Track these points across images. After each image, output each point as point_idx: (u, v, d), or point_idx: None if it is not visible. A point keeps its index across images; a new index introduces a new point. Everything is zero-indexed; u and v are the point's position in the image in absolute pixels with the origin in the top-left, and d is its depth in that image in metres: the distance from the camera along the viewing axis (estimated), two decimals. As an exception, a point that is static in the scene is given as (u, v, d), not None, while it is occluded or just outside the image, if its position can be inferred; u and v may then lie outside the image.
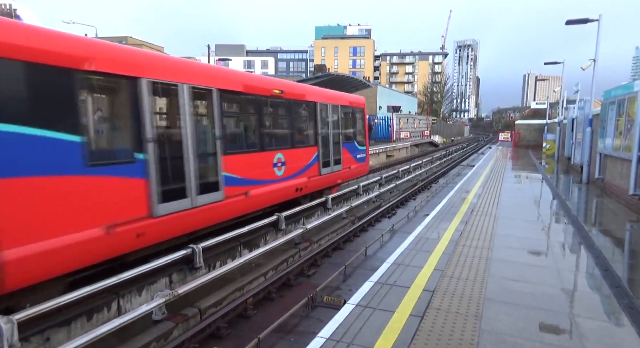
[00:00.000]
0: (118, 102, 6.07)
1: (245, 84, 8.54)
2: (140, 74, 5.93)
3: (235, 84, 8.19)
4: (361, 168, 14.77)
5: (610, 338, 3.80)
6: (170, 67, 6.69)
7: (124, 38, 73.79)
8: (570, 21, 15.03)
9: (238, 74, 9.09)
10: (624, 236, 8.05)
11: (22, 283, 4.44)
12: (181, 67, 6.98)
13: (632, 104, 10.29)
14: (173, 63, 6.92)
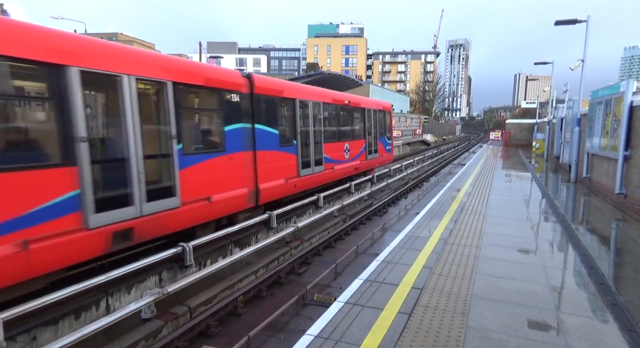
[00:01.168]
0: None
1: (334, 98, 13.63)
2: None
3: (339, 100, 13.91)
4: (389, 156, 19.78)
5: (594, 334, 3.88)
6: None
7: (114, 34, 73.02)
8: (559, 22, 15.20)
9: (338, 93, 14.61)
10: (610, 234, 8.20)
11: (265, 200, 9.29)
12: (314, 91, 12.61)
13: (618, 104, 10.46)
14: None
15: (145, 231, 6.15)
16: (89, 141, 5.21)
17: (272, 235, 8.70)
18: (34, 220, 4.65)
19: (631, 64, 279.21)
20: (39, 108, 5.25)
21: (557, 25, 15.38)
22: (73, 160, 5.05)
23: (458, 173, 17.17)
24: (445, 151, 39.91)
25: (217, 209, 7.78)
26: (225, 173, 8.00)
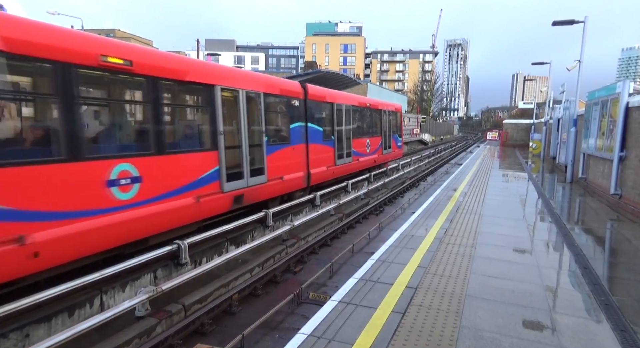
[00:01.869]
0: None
1: (359, 101, 16.26)
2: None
3: (363, 103, 16.57)
4: (399, 152, 22.46)
5: (586, 334, 3.89)
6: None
7: (111, 31, 72.64)
8: (556, 22, 15.23)
9: (362, 97, 17.77)
10: (604, 234, 8.23)
11: (313, 182, 11.40)
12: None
13: (614, 105, 10.50)
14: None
15: (248, 198, 8.81)
16: (223, 134, 7.94)
17: (268, 233, 8.69)
18: (201, 183, 7.38)
19: (628, 65, 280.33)
20: (205, 113, 7.86)
21: (555, 25, 15.42)
22: (217, 146, 7.81)
23: (455, 173, 17.21)
24: (442, 150, 39.96)
25: (286, 186, 10.58)
26: (290, 160, 10.73)
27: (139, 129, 6.68)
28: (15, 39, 4.55)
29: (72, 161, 5.15)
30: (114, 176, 5.72)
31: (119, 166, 5.79)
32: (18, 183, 4.55)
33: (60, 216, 4.99)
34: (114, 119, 6.38)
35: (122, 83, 6.35)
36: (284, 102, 10.65)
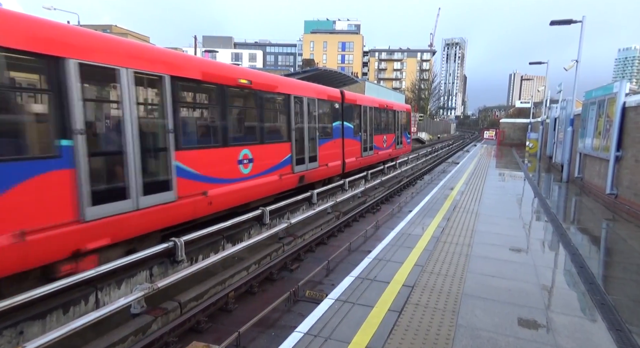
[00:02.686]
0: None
1: (379, 103, 18.98)
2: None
3: (382, 104, 19.11)
4: (409, 147, 25.57)
5: (582, 333, 3.91)
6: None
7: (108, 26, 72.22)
8: (554, 22, 15.25)
9: (381, 99, 20.02)
10: (600, 234, 8.27)
11: (347, 170, 14.58)
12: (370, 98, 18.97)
13: (611, 105, 10.53)
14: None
15: (307, 178, 11.81)
16: (294, 130, 10.89)
17: (264, 231, 8.67)
18: (282, 165, 10.28)
19: (625, 66, 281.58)
20: (284, 114, 10.80)
21: (552, 25, 15.44)
22: (290, 139, 10.82)
23: (452, 172, 17.23)
24: (439, 149, 40.01)
25: (330, 171, 13.58)
26: (332, 151, 13.74)
27: (252, 126, 9.58)
28: (209, 73, 7.78)
29: (224, 147, 8.28)
30: (240, 157, 8.77)
31: (243, 151, 8.85)
32: (201, 159, 7.49)
33: (220, 181, 8.02)
34: (241, 119, 9.45)
35: (246, 95, 9.42)
36: (329, 106, 13.84)
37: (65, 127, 5.07)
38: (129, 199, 5.96)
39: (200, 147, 7.67)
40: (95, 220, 5.43)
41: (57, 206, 5.01)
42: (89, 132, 5.48)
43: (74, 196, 5.18)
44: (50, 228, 4.89)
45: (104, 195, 5.58)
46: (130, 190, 5.96)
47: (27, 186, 4.68)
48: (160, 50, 7.19)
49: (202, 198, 7.44)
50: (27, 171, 4.70)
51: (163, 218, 6.62)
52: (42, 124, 5.16)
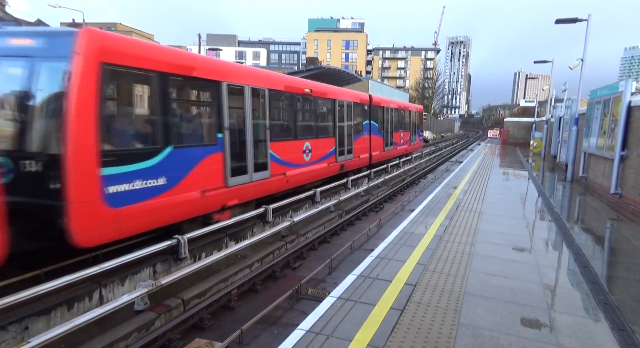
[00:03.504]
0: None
1: (398, 104, 21.97)
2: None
3: (400, 106, 22.25)
4: (420, 144, 28.40)
5: (585, 333, 3.90)
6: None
7: (113, 24, 72.37)
8: (559, 20, 15.15)
9: (401, 101, 24.63)
10: (604, 234, 8.23)
11: (373, 161, 17.58)
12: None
13: (616, 104, 10.46)
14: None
15: (345, 167, 14.55)
16: (337, 128, 13.64)
17: (267, 229, 8.69)
18: (328, 156, 13.10)
19: (631, 65, 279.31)
20: (330, 114, 13.57)
21: (558, 23, 15.34)
22: (334, 134, 13.49)
23: (455, 171, 17.19)
24: (442, 148, 39.90)
25: (360, 162, 16.30)
26: (362, 145, 16.43)
27: (310, 124, 12.46)
28: (287, 85, 10.69)
29: (294, 140, 11.14)
30: (304, 148, 11.55)
31: (305, 143, 11.62)
32: (282, 148, 10.25)
33: (293, 165, 10.77)
34: (304, 119, 12.24)
35: (308, 101, 12.19)
36: (361, 108, 16.52)
37: (220, 125, 7.93)
38: (247, 174, 8.79)
39: (282, 140, 10.48)
40: (232, 187, 8.25)
41: (216, 176, 7.83)
42: (230, 128, 8.16)
43: (223, 170, 8.02)
44: (214, 189, 7.72)
45: (236, 171, 8.37)
46: (248, 168, 8.83)
47: (204, 162, 7.49)
48: (263, 71, 10.75)
49: (283, 177, 10.34)
50: (203, 153, 7.54)
51: (263, 189, 9.51)
52: (210, 124, 7.95)
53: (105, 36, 5.74)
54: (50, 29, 6.64)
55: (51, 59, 5.59)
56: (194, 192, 7.22)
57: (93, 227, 5.44)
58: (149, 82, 6.57)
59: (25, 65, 5.65)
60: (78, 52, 5.29)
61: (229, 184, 8.13)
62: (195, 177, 7.22)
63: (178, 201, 6.86)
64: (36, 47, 5.58)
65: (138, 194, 6.08)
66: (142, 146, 6.48)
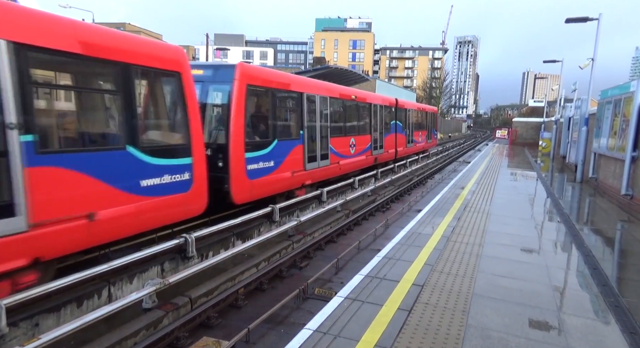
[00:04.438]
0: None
1: (418, 106, 25.97)
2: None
3: (420, 107, 26.16)
4: (435, 142, 31.68)
5: (595, 336, 3.85)
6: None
7: (122, 24, 72.95)
8: (569, 19, 14.99)
9: (420, 104, 29.00)
10: (614, 235, 8.13)
11: (398, 156, 20.61)
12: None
13: (628, 104, 10.33)
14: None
15: (378, 159, 17.32)
16: (373, 126, 16.57)
17: (274, 229, 8.70)
18: (365, 150, 15.81)
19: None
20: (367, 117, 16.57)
21: (568, 23, 15.17)
22: (370, 132, 16.33)
23: (462, 171, 17.09)
24: (450, 148, 39.67)
25: (389, 156, 19.06)
26: (390, 142, 19.09)
27: (354, 123, 15.11)
28: (341, 94, 13.96)
29: (344, 136, 13.66)
30: (351, 143, 14.26)
31: (351, 139, 14.27)
32: (337, 143, 12.89)
33: (343, 156, 13.40)
34: (350, 119, 14.84)
35: (353, 105, 14.98)
36: (389, 110, 19.22)
37: (302, 124, 10.93)
38: (316, 162, 11.66)
39: (336, 136, 13.18)
40: (308, 170, 11.16)
41: (299, 162, 10.73)
42: (307, 127, 11.14)
43: (303, 157, 10.89)
44: (298, 171, 10.62)
45: (310, 159, 11.28)
46: (317, 157, 11.68)
47: (293, 152, 10.47)
48: (325, 83, 13.30)
49: (337, 165, 13.12)
50: (293, 145, 10.50)
51: (325, 174, 12.35)
52: (296, 123, 10.90)
53: (249, 67, 9.10)
54: (220, 63, 11.05)
55: (220, 83, 8.76)
56: (288, 172, 10.26)
57: (241, 191, 8.51)
58: (267, 95, 9.68)
59: (204, 86, 8.70)
60: (235, 79, 8.43)
61: (306, 168, 11.16)
62: (288, 162, 10.20)
63: (279, 178, 9.91)
64: (210, 75, 8.84)
65: (260, 172, 9.14)
66: (263, 139, 9.47)
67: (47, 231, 4.69)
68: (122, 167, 5.67)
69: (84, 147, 5.45)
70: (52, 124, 5.39)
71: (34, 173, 4.52)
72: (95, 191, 5.26)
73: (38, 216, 4.57)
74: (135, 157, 5.85)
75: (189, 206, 6.92)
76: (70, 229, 4.96)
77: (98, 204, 5.26)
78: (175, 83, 6.67)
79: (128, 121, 5.80)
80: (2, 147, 4.26)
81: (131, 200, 5.76)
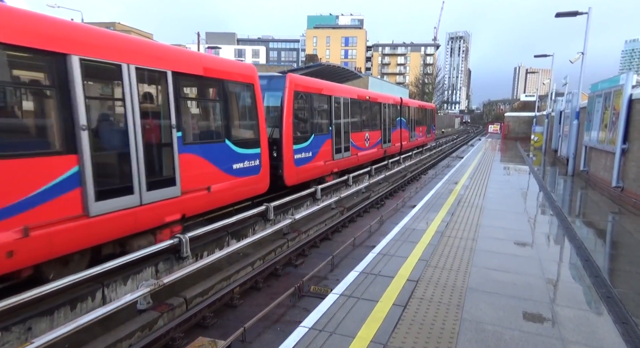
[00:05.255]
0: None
1: (419, 104, 27.57)
2: None
3: (420, 105, 27.77)
4: (433, 136, 33.83)
5: (588, 327, 3.90)
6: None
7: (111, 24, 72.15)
8: (560, 14, 15.08)
9: (420, 101, 31.81)
10: (606, 227, 8.22)
11: (403, 149, 22.55)
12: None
13: (617, 97, 10.42)
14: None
15: (387, 152, 19.49)
16: (382, 123, 18.91)
17: (269, 227, 8.69)
18: (377, 144, 18.15)
19: (632, 58, 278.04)
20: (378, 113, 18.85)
21: (558, 17, 15.27)
22: (381, 128, 18.68)
23: (456, 166, 17.17)
24: (443, 144, 39.82)
25: (395, 149, 20.93)
26: (396, 136, 21.10)
27: (368, 121, 16.82)
28: (358, 95, 16.08)
29: (360, 132, 15.79)
30: (366, 137, 16.29)
31: (366, 134, 16.29)
32: (355, 137, 15.13)
33: (360, 149, 15.64)
34: (365, 117, 16.60)
35: (367, 104, 16.93)
36: (395, 108, 21.16)
37: (330, 121, 13.03)
38: (341, 153, 13.76)
39: (355, 131, 15.22)
40: (335, 160, 13.29)
41: (329, 153, 12.82)
42: (334, 124, 13.29)
43: (332, 149, 13.01)
44: (328, 161, 12.79)
45: (337, 150, 13.39)
46: (342, 149, 13.84)
47: (325, 144, 12.47)
48: (347, 87, 15.54)
49: (356, 156, 15.25)
50: (325, 138, 12.56)
51: (347, 163, 14.48)
52: (327, 120, 13.00)
53: (295, 77, 11.18)
54: (274, 74, 11.62)
55: (274, 90, 10.80)
56: (321, 161, 12.46)
57: (291, 176, 10.70)
58: (307, 99, 11.80)
59: (262, 93, 9.52)
60: (286, 86, 10.66)
61: (334, 158, 13.31)
62: (322, 153, 12.38)
63: (316, 166, 12.13)
64: (266, 84, 10.54)
65: (303, 160, 11.32)
66: (304, 134, 11.60)
67: (189, 197, 6.91)
68: (223, 154, 7.85)
69: (204, 140, 7.54)
70: (188, 124, 7.30)
71: (182, 158, 6.73)
72: (210, 171, 7.46)
73: (184, 187, 6.80)
74: (230, 147, 8.05)
75: (258, 185, 9.07)
76: (199, 196, 7.17)
77: (211, 180, 7.47)
78: (251, 92, 8.86)
79: (225, 121, 8.04)
80: (169, 139, 6.53)
81: (228, 179, 7.96)
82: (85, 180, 5.07)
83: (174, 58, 6.65)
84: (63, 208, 4.87)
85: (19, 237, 4.39)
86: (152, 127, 6.32)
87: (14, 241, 4.35)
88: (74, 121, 4.95)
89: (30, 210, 4.52)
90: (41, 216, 4.63)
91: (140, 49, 6.11)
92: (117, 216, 5.55)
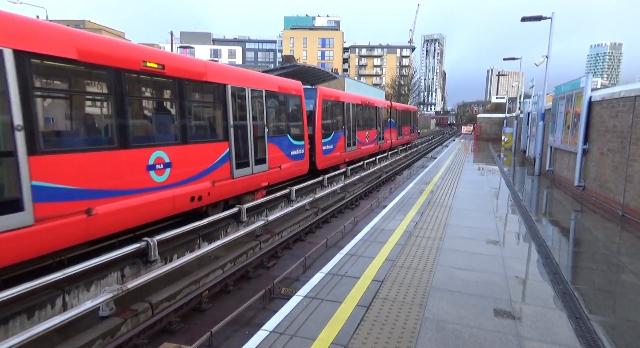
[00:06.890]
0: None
1: (405, 107, 34.49)
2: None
3: (405, 108, 34.52)
4: (416, 135, 40.23)
5: (544, 322, 4.04)
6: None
7: (81, 22, 70.04)
8: (525, 18, 15.57)
9: (406, 105, 38.90)
10: (568, 225, 8.53)
11: (392, 145, 27.96)
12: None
13: (578, 99, 10.84)
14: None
15: (381, 147, 24.42)
16: (377, 122, 23.98)
17: (241, 229, 8.63)
18: (374, 141, 22.99)
19: (596, 62, 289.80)
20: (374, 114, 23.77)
21: (524, 21, 15.76)
22: (377, 127, 23.72)
23: (429, 166, 17.47)
24: (419, 144, 40.47)
25: (387, 146, 25.98)
26: (388, 135, 26.25)
27: (366, 121, 21.37)
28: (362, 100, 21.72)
29: (362, 130, 20.52)
30: (366, 135, 21.25)
31: (366, 132, 21.21)
32: (359, 135, 19.91)
33: (363, 144, 20.57)
34: (365, 118, 21.30)
35: (367, 108, 22.01)
36: (387, 110, 25.63)
37: (344, 122, 17.75)
38: (350, 147, 18.21)
39: (359, 130, 19.50)
40: (347, 152, 17.89)
41: (343, 147, 17.47)
42: (346, 123, 17.91)
43: (345, 144, 17.66)
44: (342, 153, 17.42)
45: (348, 144, 17.99)
46: (351, 144, 18.36)
47: (340, 140, 17.18)
48: (355, 95, 20.99)
49: (359, 150, 19.47)
50: (339, 135, 17.24)
51: (355, 155, 18.89)
52: (341, 121, 17.58)
53: (323, 89, 15.73)
54: (309, 87, 15.19)
55: (308, 98, 14.08)
56: (338, 153, 16.60)
57: (320, 162, 14.90)
58: (330, 104, 15.93)
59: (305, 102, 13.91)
60: (317, 96, 14.93)
61: (346, 151, 17.65)
62: (338, 146, 16.61)
63: (335, 156, 16.31)
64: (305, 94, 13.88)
65: (327, 151, 15.54)
66: (327, 131, 15.63)
67: (272, 171, 10.97)
68: (286, 144, 11.96)
69: (277, 134, 11.52)
70: (270, 124, 11.10)
71: (269, 146, 10.83)
72: (280, 155, 11.48)
73: (270, 164, 10.84)
74: (289, 140, 12.23)
75: (303, 167, 13.16)
76: (276, 171, 11.23)
77: (281, 161, 11.52)
78: (299, 100, 13.10)
79: (287, 121, 12.42)
80: (262, 134, 10.49)
81: (289, 161, 12.00)
82: (232, 157, 9.05)
83: (266, 81, 10.92)
84: (223, 172, 8.74)
85: (211, 186, 8.33)
86: (256, 126, 10.17)
87: (209, 188, 8.30)
88: (227, 122, 9.03)
89: (214, 172, 8.43)
90: (217, 176, 8.51)
91: (249, 77, 10.25)
92: (243, 179, 9.51)
